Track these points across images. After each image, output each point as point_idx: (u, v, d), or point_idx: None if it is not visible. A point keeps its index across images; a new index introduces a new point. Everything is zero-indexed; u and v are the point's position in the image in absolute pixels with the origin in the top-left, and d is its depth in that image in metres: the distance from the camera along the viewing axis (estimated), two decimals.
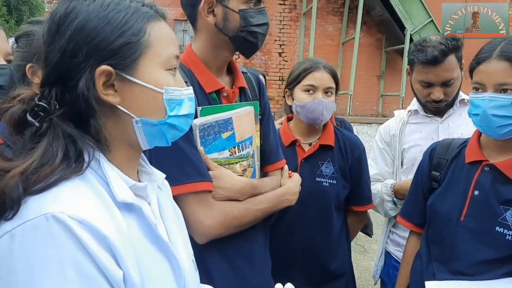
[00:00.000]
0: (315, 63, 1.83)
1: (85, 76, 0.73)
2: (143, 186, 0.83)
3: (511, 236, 1.29)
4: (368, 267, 4.43)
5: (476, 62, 1.34)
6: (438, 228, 1.47)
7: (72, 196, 0.67)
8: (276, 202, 1.37)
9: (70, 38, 0.73)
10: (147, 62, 0.77)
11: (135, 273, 0.70)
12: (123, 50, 0.75)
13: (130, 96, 0.76)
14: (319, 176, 1.83)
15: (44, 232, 0.62)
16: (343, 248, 1.92)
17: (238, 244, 1.31)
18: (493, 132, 1.30)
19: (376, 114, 9.10)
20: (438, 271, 1.42)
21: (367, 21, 8.98)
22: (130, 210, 0.76)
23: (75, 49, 0.72)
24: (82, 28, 0.73)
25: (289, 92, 1.89)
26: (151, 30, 0.78)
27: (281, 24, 9.26)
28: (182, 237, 0.93)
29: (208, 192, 1.23)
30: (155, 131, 0.80)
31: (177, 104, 0.81)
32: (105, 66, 0.73)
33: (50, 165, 0.68)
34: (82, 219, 0.64)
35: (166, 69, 0.80)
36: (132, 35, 0.75)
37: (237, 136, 1.32)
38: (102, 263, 0.65)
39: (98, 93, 0.74)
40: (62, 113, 0.73)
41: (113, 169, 0.77)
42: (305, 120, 1.83)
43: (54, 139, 0.71)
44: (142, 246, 0.75)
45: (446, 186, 1.48)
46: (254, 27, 1.28)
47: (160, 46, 0.79)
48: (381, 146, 2.11)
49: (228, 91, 1.35)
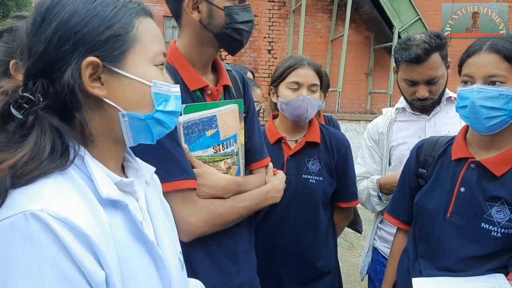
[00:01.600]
0: (299, 60, 1.83)
1: (71, 67, 0.71)
2: (130, 182, 0.82)
3: (496, 232, 1.30)
4: (356, 263, 4.45)
5: (466, 55, 1.35)
6: (424, 225, 1.48)
7: (53, 193, 0.65)
8: (260, 200, 1.36)
9: (56, 28, 0.71)
10: (135, 55, 0.76)
11: (116, 274, 0.68)
12: (111, 42, 0.74)
13: (117, 89, 0.75)
14: (305, 173, 1.83)
15: (22, 231, 0.60)
16: (330, 245, 1.92)
17: (223, 242, 1.30)
18: (481, 124, 1.30)
19: (364, 112, 9.15)
20: (425, 267, 1.43)
21: (355, 18, 9.01)
22: (116, 207, 0.74)
23: (61, 40, 0.71)
24: (69, 19, 0.72)
25: (274, 89, 1.89)
26: (139, 25, 0.78)
27: (270, 21, 9.25)
28: (170, 234, 0.91)
29: (192, 190, 1.22)
30: (141, 126, 0.79)
31: (164, 100, 0.80)
32: (92, 58, 0.72)
33: (38, 159, 0.67)
34: (63, 217, 0.62)
35: (154, 65, 0.79)
36: (120, 28, 0.75)
37: (222, 134, 1.31)
38: (83, 264, 0.63)
39: (85, 85, 0.72)
40: (47, 105, 0.71)
41: (98, 165, 0.75)
42: (290, 117, 1.83)
43: (42, 132, 0.69)
44: (126, 244, 0.74)
45: (433, 183, 1.49)
46: (239, 24, 1.27)
47: (148, 41, 0.79)
48: (369, 144, 2.12)
49: (212, 89, 1.34)
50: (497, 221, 1.30)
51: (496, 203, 1.32)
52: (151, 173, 0.93)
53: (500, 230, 1.29)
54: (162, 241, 0.85)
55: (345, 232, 4.62)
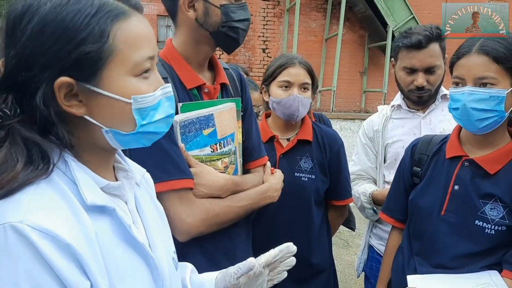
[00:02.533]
0: (290, 59, 1.83)
1: (42, 89, 0.67)
2: (117, 186, 0.80)
3: (490, 229, 1.31)
4: (351, 262, 4.46)
5: (456, 57, 1.36)
6: (419, 223, 1.49)
7: (34, 203, 0.63)
8: (258, 199, 1.36)
9: (25, 45, 0.66)
10: (112, 70, 0.70)
11: (103, 280, 0.67)
12: (83, 60, 0.68)
13: (96, 107, 0.71)
14: (297, 171, 1.83)
15: (0, 243, 0.59)
16: (324, 243, 1.92)
17: (220, 241, 1.30)
18: (473, 126, 1.31)
19: (359, 110, 9.18)
20: (420, 265, 1.44)
21: (350, 17, 9.03)
22: (102, 212, 0.73)
23: (31, 59, 0.67)
24: (37, 34, 0.66)
25: (265, 88, 1.89)
26: (117, 31, 0.70)
27: (264, 20, 9.24)
28: (162, 234, 0.90)
29: (189, 190, 1.22)
30: (128, 139, 0.76)
31: (151, 110, 0.75)
32: (65, 78, 0.67)
33: (11, 171, 0.64)
34: (43, 227, 0.61)
35: (136, 75, 0.73)
36: (92, 42, 0.68)
37: (219, 133, 1.31)
38: (63, 274, 0.62)
39: (60, 106, 0.68)
40: (23, 119, 0.68)
41: (83, 170, 0.73)
42: (281, 116, 1.84)
43: (12, 145, 0.66)
44: (115, 249, 0.72)
45: (427, 181, 1.50)
46: (235, 23, 1.26)
47: (128, 50, 0.71)
48: (364, 141, 2.12)
49: (210, 87, 1.33)
50: (491, 219, 1.31)
51: (490, 200, 1.33)
52: (142, 174, 0.91)
53: (493, 227, 1.30)
54: (154, 242, 0.84)
55: (340, 231, 4.63)
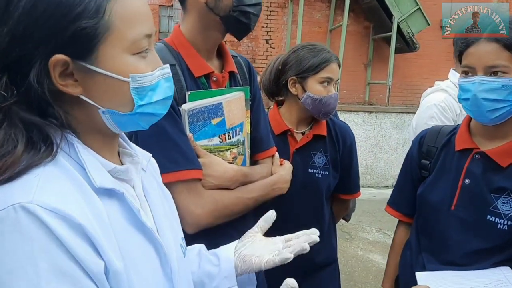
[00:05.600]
0: (331, 53, 1.74)
1: (36, 67, 0.65)
2: (124, 169, 0.78)
3: (503, 224, 1.28)
4: (354, 254, 4.47)
5: (465, 45, 1.31)
6: (428, 218, 1.46)
7: (43, 183, 0.62)
8: (267, 191, 1.34)
9: (18, 20, 0.64)
10: (108, 47, 0.68)
11: (118, 261, 0.66)
12: (78, 37, 0.65)
13: (92, 86, 0.69)
14: (311, 167, 1.78)
15: (12, 224, 0.58)
16: (332, 237, 1.91)
17: (227, 234, 1.28)
18: (484, 117, 1.28)
19: (363, 102, 9.12)
20: (428, 261, 1.41)
21: (354, 8, 8.92)
22: (111, 196, 0.71)
23: (24, 35, 0.64)
24: (31, 9, 0.64)
25: (298, 80, 1.74)
26: (113, 6, 0.67)
27: (268, 10, 9.14)
28: (170, 220, 0.89)
29: (197, 180, 1.19)
30: (126, 120, 0.73)
31: (149, 90, 0.73)
32: (60, 55, 0.65)
33: (12, 155, 0.63)
34: (54, 207, 0.60)
35: (134, 53, 0.70)
36: (88, 18, 0.65)
37: (228, 122, 1.28)
38: (77, 253, 0.61)
39: (55, 85, 0.66)
40: (19, 101, 0.66)
41: (90, 153, 0.71)
42: (316, 112, 1.74)
43: (11, 127, 0.64)
44: (124, 233, 0.71)
45: (436, 175, 1.46)
46: (247, 7, 1.22)
47: (125, 27, 0.69)
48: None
49: (218, 76, 1.30)
50: (503, 213, 1.28)
51: (502, 194, 1.30)
52: (147, 159, 0.89)
53: (506, 223, 1.27)
54: (162, 227, 0.82)
55: (344, 224, 4.63)
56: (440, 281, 1.30)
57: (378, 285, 3.36)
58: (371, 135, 7.55)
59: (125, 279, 0.67)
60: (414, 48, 8.32)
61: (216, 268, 0.99)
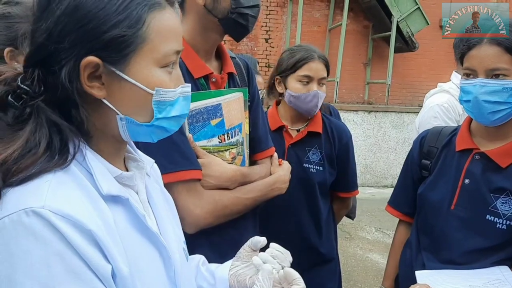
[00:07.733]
0: (310, 52, 1.80)
1: (68, 65, 0.66)
2: (130, 176, 0.79)
3: (502, 224, 1.29)
4: (354, 253, 4.48)
5: (467, 47, 1.32)
6: (428, 217, 1.46)
7: (54, 189, 0.63)
8: (266, 191, 1.35)
9: (58, 20, 0.66)
10: (141, 58, 0.70)
11: (124, 266, 0.67)
12: (115, 42, 0.67)
13: (117, 92, 0.71)
14: (306, 162, 1.83)
15: (25, 228, 0.59)
16: (331, 233, 1.94)
17: (227, 233, 1.28)
18: (485, 119, 1.29)
19: (362, 102, 9.13)
20: (428, 260, 1.42)
21: (354, 7, 8.92)
22: (117, 202, 0.73)
23: (63, 33, 0.66)
24: (73, 10, 0.66)
25: (281, 79, 1.85)
26: (151, 21, 0.70)
27: (267, 9, 9.15)
28: (173, 224, 0.90)
29: (197, 181, 1.20)
30: (140, 130, 0.75)
31: (168, 105, 0.74)
32: (93, 57, 0.67)
33: (32, 155, 0.64)
34: (65, 213, 0.61)
35: (162, 67, 0.73)
36: (128, 26, 0.67)
37: (227, 123, 1.29)
38: (89, 258, 0.62)
39: (82, 85, 0.68)
40: (46, 98, 0.67)
41: (98, 160, 0.72)
42: (299, 110, 1.82)
43: (37, 126, 0.66)
44: (130, 238, 0.72)
45: (437, 174, 1.47)
46: (245, 9, 1.23)
47: (159, 40, 0.71)
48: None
49: (217, 77, 1.31)
50: (503, 213, 1.29)
51: (501, 194, 1.31)
52: (151, 165, 0.91)
53: (505, 222, 1.28)
54: (166, 232, 0.84)
55: (343, 223, 4.64)
56: (439, 280, 1.30)
57: (378, 285, 3.36)
58: (370, 135, 7.55)
59: (130, 283, 0.68)
60: (414, 48, 8.32)
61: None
